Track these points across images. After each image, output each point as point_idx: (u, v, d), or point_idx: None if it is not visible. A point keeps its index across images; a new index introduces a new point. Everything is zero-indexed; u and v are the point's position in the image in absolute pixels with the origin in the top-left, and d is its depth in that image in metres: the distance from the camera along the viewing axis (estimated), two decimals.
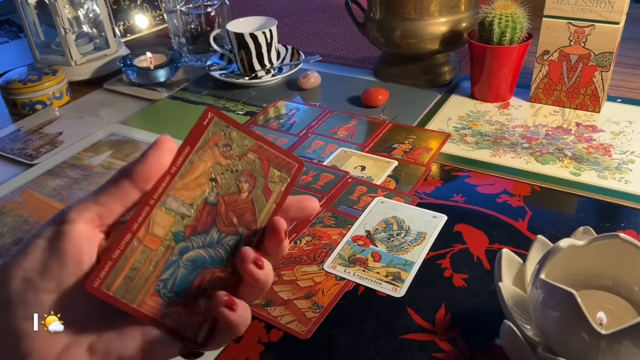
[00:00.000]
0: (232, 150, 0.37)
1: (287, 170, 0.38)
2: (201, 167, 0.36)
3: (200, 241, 0.36)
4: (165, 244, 0.35)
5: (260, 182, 0.37)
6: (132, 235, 0.34)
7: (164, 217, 0.35)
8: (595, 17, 0.75)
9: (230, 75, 1.00)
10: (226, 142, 0.37)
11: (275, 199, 0.38)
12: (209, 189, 0.36)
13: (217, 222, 0.36)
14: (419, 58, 0.92)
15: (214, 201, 0.36)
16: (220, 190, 0.36)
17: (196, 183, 0.36)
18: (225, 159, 0.37)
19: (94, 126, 0.89)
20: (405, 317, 0.51)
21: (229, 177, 0.37)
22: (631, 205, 0.63)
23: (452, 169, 0.72)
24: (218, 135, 0.37)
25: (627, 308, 0.45)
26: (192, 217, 0.36)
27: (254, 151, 0.37)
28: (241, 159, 0.37)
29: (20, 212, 0.70)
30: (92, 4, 1.07)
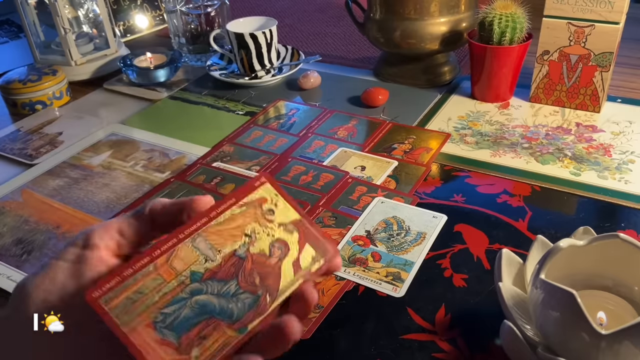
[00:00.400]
0: (274, 215, 0.37)
1: (321, 252, 0.37)
2: (240, 221, 0.36)
3: (216, 289, 0.35)
4: (180, 279, 0.34)
5: (292, 254, 0.36)
6: (150, 260, 0.34)
7: (189, 253, 0.35)
8: (595, 17, 0.75)
9: (230, 75, 1.00)
10: (270, 207, 0.37)
11: (303, 274, 0.36)
12: (241, 242, 0.36)
13: (238, 276, 0.35)
14: (419, 58, 0.92)
15: (242, 255, 0.35)
16: (251, 247, 0.36)
17: (231, 233, 0.36)
18: (265, 221, 0.36)
19: (94, 126, 0.89)
20: (405, 317, 0.51)
21: (264, 238, 0.36)
22: (631, 205, 0.63)
23: (452, 169, 0.72)
24: (265, 198, 0.37)
25: (627, 308, 0.45)
26: (216, 263, 0.35)
27: (295, 224, 0.37)
28: (280, 227, 0.37)
29: (21, 212, 0.70)
30: (92, 4, 1.07)
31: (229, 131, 0.84)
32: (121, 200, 0.70)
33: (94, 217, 0.68)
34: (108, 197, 0.71)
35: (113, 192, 0.72)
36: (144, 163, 0.78)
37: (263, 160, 0.76)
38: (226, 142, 0.81)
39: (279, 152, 0.78)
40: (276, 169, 0.74)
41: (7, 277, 0.59)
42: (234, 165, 0.75)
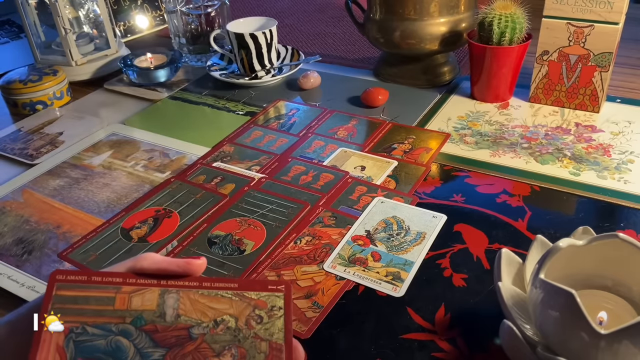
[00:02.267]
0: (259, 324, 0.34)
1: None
2: (222, 305, 0.34)
3: (144, 344, 0.33)
4: (124, 314, 0.33)
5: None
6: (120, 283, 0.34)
7: (152, 299, 0.34)
8: (595, 17, 0.75)
9: (230, 75, 1.00)
10: (262, 314, 0.34)
11: None
12: (203, 324, 0.34)
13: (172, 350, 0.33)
14: (419, 58, 0.92)
15: (194, 335, 0.33)
16: (208, 335, 0.33)
17: (202, 310, 0.34)
18: (245, 323, 0.34)
19: (95, 126, 0.89)
20: (405, 316, 0.52)
21: (228, 336, 0.34)
22: (630, 205, 0.63)
23: (452, 169, 0.72)
24: (265, 304, 0.34)
25: (626, 308, 0.45)
26: (166, 324, 0.33)
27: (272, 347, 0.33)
28: (255, 339, 0.34)
29: (21, 212, 0.70)
30: (93, 5, 1.07)
31: (229, 131, 0.84)
32: (122, 200, 0.70)
33: (94, 217, 0.68)
34: (108, 197, 0.71)
35: (113, 192, 0.72)
36: (144, 163, 0.78)
37: (263, 160, 0.76)
38: (226, 142, 0.81)
39: (279, 152, 0.78)
40: (276, 169, 0.74)
41: (8, 277, 0.60)
42: (234, 165, 0.76)
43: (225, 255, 0.60)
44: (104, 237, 0.64)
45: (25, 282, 0.59)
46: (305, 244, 0.61)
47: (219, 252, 0.60)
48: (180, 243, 0.62)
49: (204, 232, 0.63)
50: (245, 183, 0.71)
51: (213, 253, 0.60)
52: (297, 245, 0.61)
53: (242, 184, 0.71)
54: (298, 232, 0.62)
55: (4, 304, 0.57)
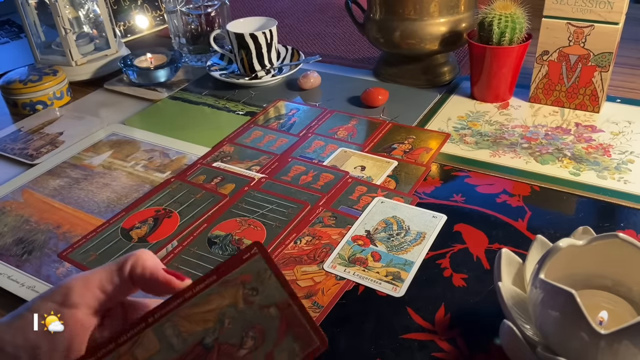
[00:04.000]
0: (257, 296, 0.33)
1: (304, 344, 0.32)
2: (215, 302, 0.32)
3: None
4: None
5: (267, 344, 0.32)
6: (115, 346, 0.32)
7: (152, 341, 0.32)
8: (595, 17, 0.75)
9: (230, 75, 1.00)
10: (255, 285, 0.33)
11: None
12: (211, 329, 0.32)
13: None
14: (419, 58, 0.92)
15: (209, 345, 0.32)
16: (221, 336, 0.32)
17: (202, 318, 0.32)
18: (244, 303, 0.33)
19: (95, 126, 0.89)
20: (405, 316, 0.52)
21: (238, 325, 0.32)
22: (630, 205, 0.63)
23: (452, 169, 0.72)
24: (250, 275, 0.33)
25: (626, 308, 0.45)
26: (178, 353, 0.32)
27: (280, 308, 0.32)
28: (262, 310, 0.32)
29: (21, 212, 0.70)
30: (93, 5, 1.07)
31: (229, 131, 0.84)
32: (122, 200, 0.70)
33: (94, 217, 0.68)
34: (108, 197, 0.71)
35: (113, 192, 0.72)
36: (144, 163, 0.78)
37: (263, 160, 0.76)
38: (226, 142, 0.81)
39: (279, 152, 0.78)
40: (276, 169, 0.74)
41: (8, 277, 0.60)
42: (234, 165, 0.76)
43: (225, 255, 0.60)
44: (104, 237, 0.64)
45: (25, 282, 0.59)
46: (305, 244, 0.61)
47: (219, 252, 0.60)
48: (180, 243, 0.62)
49: (204, 232, 0.63)
50: (245, 183, 0.71)
51: (213, 253, 0.60)
52: (297, 245, 0.61)
53: (242, 184, 0.71)
54: (298, 232, 0.62)
55: (4, 304, 0.57)
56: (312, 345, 0.32)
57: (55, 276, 0.59)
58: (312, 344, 0.32)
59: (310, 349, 0.32)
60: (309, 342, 0.32)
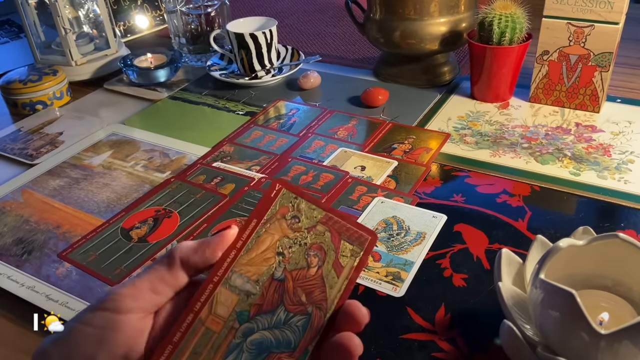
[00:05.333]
0: (300, 222, 0.35)
1: (359, 243, 0.35)
2: (268, 241, 0.34)
3: (266, 322, 0.33)
4: (229, 325, 0.33)
5: (330, 256, 0.35)
6: (195, 315, 0.32)
7: (228, 295, 0.33)
8: (595, 17, 0.75)
9: (230, 75, 1.00)
10: (294, 214, 0.35)
11: (347, 274, 0.34)
12: (275, 263, 0.34)
13: (284, 301, 0.34)
14: (419, 58, 0.92)
15: (281, 277, 0.34)
16: (287, 264, 0.34)
17: (262, 257, 0.34)
18: (293, 231, 0.35)
19: (94, 126, 0.89)
20: (405, 316, 0.52)
21: (297, 250, 0.35)
22: (631, 205, 0.63)
23: (452, 169, 0.72)
24: (286, 207, 0.35)
25: (626, 308, 0.45)
26: (258, 295, 0.33)
27: (324, 223, 0.35)
28: (310, 231, 0.35)
29: (21, 212, 0.70)
30: (93, 4, 1.07)
31: (229, 131, 0.84)
32: (122, 200, 0.70)
33: (94, 217, 0.68)
34: (108, 197, 0.71)
35: (113, 192, 0.72)
36: (144, 163, 0.78)
37: (263, 160, 0.76)
38: (226, 142, 0.81)
39: (279, 152, 0.78)
40: (276, 169, 0.74)
41: (8, 277, 0.60)
42: (234, 165, 0.76)
43: None
44: (104, 237, 0.64)
45: (25, 282, 0.59)
46: None
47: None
48: None
49: (204, 232, 0.63)
50: (245, 183, 0.71)
51: None
52: None
53: (242, 184, 0.71)
54: None
55: (4, 304, 0.57)
56: (365, 240, 0.35)
57: (55, 276, 0.59)
58: (365, 240, 0.35)
59: (366, 243, 0.35)
60: (361, 239, 0.35)
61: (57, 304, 0.55)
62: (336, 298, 0.34)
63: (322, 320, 0.33)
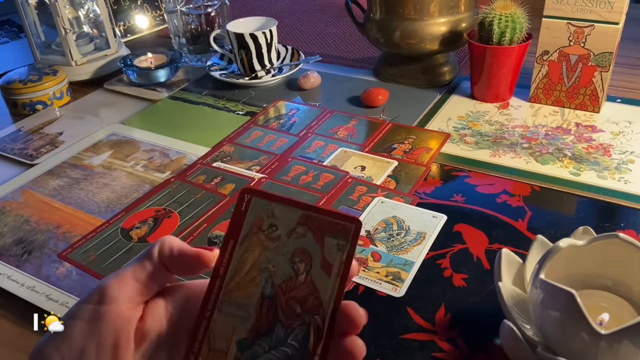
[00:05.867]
0: (278, 229, 0.33)
1: (343, 235, 0.33)
2: (250, 259, 0.33)
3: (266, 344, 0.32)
4: (231, 356, 0.32)
5: (316, 257, 0.33)
6: (195, 357, 0.32)
7: (223, 326, 0.32)
8: (595, 17, 0.75)
9: (230, 75, 1.00)
10: (270, 222, 0.33)
11: (337, 271, 0.33)
12: (262, 281, 0.33)
13: (279, 318, 0.33)
14: (419, 58, 0.92)
15: (271, 294, 0.33)
16: (275, 278, 0.33)
17: (248, 279, 0.33)
18: (272, 241, 0.33)
19: (94, 126, 0.89)
20: (405, 316, 0.51)
21: (281, 261, 0.33)
22: (631, 205, 0.63)
23: (452, 169, 0.72)
24: (260, 217, 0.33)
25: (626, 308, 0.45)
26: (252, 319, 0.32)
27: (302, 223, 0.33)
28: (290, 237, 0.33)
29: (21, 212, 0.70)
30: (93, 4, 1.07)
31: (229, 131, 0.84)
32: (122, 200, 0.70)
33: (94, 217, 0.68)
34: (108, 197, 0.71)
35: (113, 192, 0.72)
36: (144, 163, 0.78)
37: (263, 160, 0.76)
38: (226, 142, 0.81)
39: (279, 152, 0.78)
40: (276, 169, 0.74)
41: (8, 277, 0.60)
42: (234, 165, 0.76)
43: None
44: (104, 237, 0.64)
45: (25, 282, 0.59)
46: None
47: None
48: None
49: (204, 232, 0.63)
50: (245, 183, 0.71)
51: None
52: None
53: (242, 184, 0.71)
54: None
55: (4, 304, 0.57)
56: (349, 230, 0.33)
57: (55, 276, 0.59)
58: (349, 230, 0.33)
59: (350, 233, 0.33)
60: (344, 230, 0.33)
61: (57, 304, 0.55)
62: (332, 298, 0.33)
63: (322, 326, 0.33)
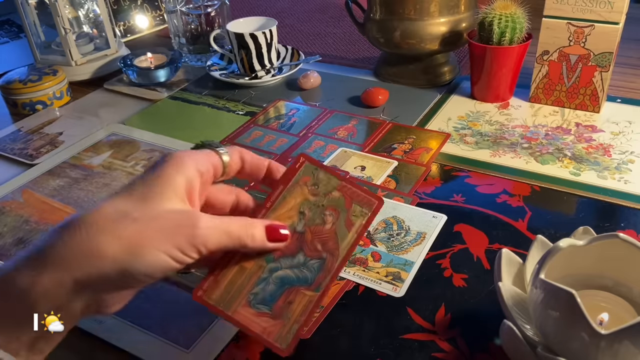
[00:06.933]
0: (319, 188, 0.44)
1: (367, 206, 0.45)
2: (292, 202, 0.44)
3: (288, 263, 0.43)
4: (258, 263, 0.42)
5: (342, 215, 0.44)
6: (231, 255, 0.42)
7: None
8: (595, 17, 0.75)
9: (230, 75, 1.00)
10: (314, 181, 0.45)
11: (356, 229, 0.44)
12: (297, 220, 0.43)
13: (303, 248, 0.43)
14: (419, 58, 0.92)
15: (301, 230, 0.43)
16: (307, 221, 0.43)
17: (287, 215, 0.43)
18: (313, 195, 0.44)
19: (94, 126, 0.89)
20: (405, 317, 0.51)
21: (315, 210, 0.44)
22: (631, 205, 0.63)
23: (452, 169, 0.72)
24: (308, 176, 0.45)
25: (626, 308, 0.45)
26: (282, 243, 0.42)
27: (339, 190, 0.44)
28: (327, 196, 0.44)
29: (21, 212, 0.70)
30: (93, 4, 1.07)
31: (229, 131, 0.84)
32: None
33: None
34: None
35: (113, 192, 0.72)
36: (144, 163, 0.78)
37: None
38: (226, 142, 0.81)
39: (279, 152, 0.78)
40: None
41: None
42: None
43: None
44: None
45: None
46: None
47: None
48: None
49: None
50: (245, 183, 0.71)
51: None
52: None
53: (242, 183, 0.71)
54: None
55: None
56: (372, 204, 0.45)
57: None
58: (372, 204, 0.45)
59: (373, 206, 0.45)
60: (369, 203, 0.45)
61: None
62: (346, 247, 0.43)
63: (334, 264, 0.43)
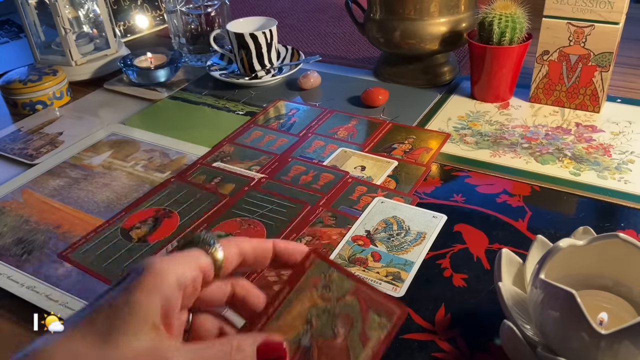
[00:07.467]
0: (330, 291, 0.36)
1: (387, 316, 0.36)
2: (298, 308, 0.35)
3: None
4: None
5: (357, 326, 0.35)
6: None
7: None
8: (595, 17, 0.75)
9: (230, 75, 1.00)
10: (325, 283, 0.36)
11: (372, 346, 0.35)
12: (303, 331, 0.35)
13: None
14: (419, 58, 0.92)
15: (307, 345, 0.35)
16: (315, 332, 0.35)
17: (291, 325, 0.35)
18: (323, 300, 0.36)
19: (94, 126, 0.89)
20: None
21: (325, 319, 0.35)
22: (631, 205, 0.63)
23: (452, 169, 0.72)
24: (318, 277, 0.36)
25: (626, 308, 0.45)
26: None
27: (353, 293, 0.36)
28: (339, 301, 0.36)
29: (21, 212, 0.70)
30: (93, 4, 1.07)
31: (229, 131, 0.84)
32: (121, 200, 0.70)
33: (94, 217, 0.68)
34: (108, 197, 0.71)
35: (113, 192, 0.72)
36: (144, 163, 0.78)
37: (263, 160, 0.76)
38: (226, 142, 0.81)
39: (279, 152, 0.78)
40: (276, 169, 0.74)
41: (8, 277, 0.60)
42: (234, 165, 0.76)
43: None
44: (104, 237, 0.64)
45: (25, 282, 0.59)
46: (305, 244, 0.61)
47: None
48: None
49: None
50: (245, 183, 0.71)
51: None
52: None
53: (242, 184, 0.71)
54: (298, 232, 0.62)
55: (4, 304, 0.57)
56: (394, 314, 0.36)
57: (55, 276, 0.59)
58: (393, 314, 0.36)
59: (394, 317, 0.36)
60: (390, 312, 0.36)
61: (57, 304, 0.55)
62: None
63: None
